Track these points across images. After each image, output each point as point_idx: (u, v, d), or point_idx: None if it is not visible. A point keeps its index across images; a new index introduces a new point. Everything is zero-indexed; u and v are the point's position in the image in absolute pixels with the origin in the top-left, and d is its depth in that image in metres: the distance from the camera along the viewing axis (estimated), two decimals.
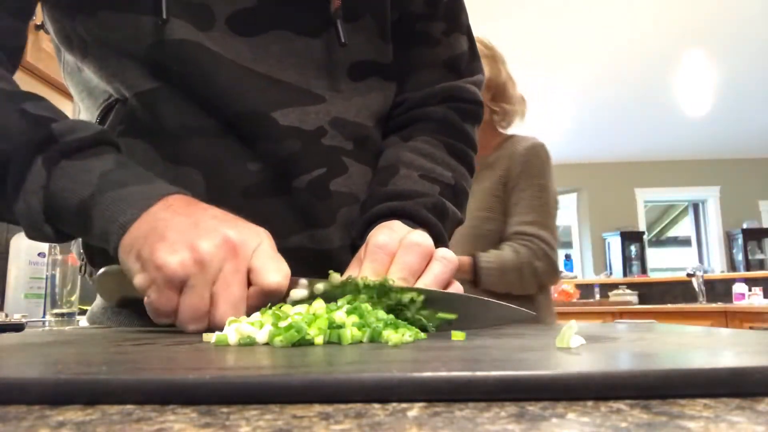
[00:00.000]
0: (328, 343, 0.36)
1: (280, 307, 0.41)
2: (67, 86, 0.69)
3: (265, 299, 0.45)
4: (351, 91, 0.66)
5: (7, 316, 1.59)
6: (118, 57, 0.58)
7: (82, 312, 1.81)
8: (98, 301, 0.71)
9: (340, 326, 0.37)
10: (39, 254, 1.69)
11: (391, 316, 0.42)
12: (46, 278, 1.64)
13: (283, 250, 0.51)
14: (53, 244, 1.75)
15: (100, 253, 0.61)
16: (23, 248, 1.68)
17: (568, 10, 4.52)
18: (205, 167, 0.59)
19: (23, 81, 1.47)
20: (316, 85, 0.63)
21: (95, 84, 0.62)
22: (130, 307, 0.53)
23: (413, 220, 0.61)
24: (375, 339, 0.37)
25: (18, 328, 1.09)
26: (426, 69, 0.73)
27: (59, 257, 1.55)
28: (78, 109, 0.69)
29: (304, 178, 0.61)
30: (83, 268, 0.67)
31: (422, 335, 0.40)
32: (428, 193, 0.64)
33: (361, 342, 0.36)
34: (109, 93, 0.61)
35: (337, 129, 0.63)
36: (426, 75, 0.73)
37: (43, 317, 1.62)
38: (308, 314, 0.38)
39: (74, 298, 1.54)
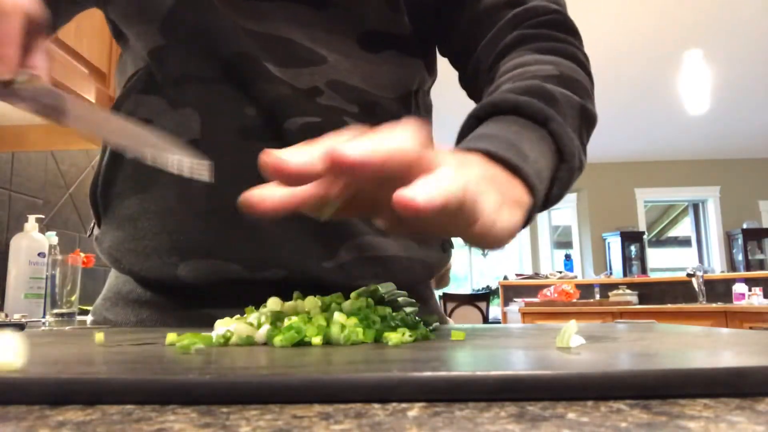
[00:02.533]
0: (327, 343, 0.36)
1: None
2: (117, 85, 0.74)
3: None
4: (361, 59, 0.65)
5: (7, 316, 1.59)
6: (143, 26, 0.63)
7: (82, 312, 1.81)
8: (103, 293, 0.72)
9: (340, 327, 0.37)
10: (39, 254, 1.69)
11: (389, 309, 0.41)
12: (46, 278, 1.64)
13: None
14: (54, 245, 1.75)
15: (108, 212, 0.65)
16: (23, 248, 1.68)
17: (568, 10, 4.51)
18: (201, 109, 0.62)
19: None
20: (322, 46, 0.63)
21: (129, 64, 0.68)
22: None
23: (499, 111, 0.46)
24: (376, 339, 0.37)
25: (18, 328, 1.09)
26: (486, 15, 0.65)
27: (59, 257, 1.55)
28: None
29: (297, 120, 0.60)
30: (92, 229, 0.70)
31: (430, 334, 0.39)
32: (524, 85, 0.51)
33: (361, 342, 0.36)
34: (137, 66, 0.66)
35: (336, 91, 0.63)
36: (488, 19, 0.64)
37: (43, 317, 1.62)
38: (305, 314, 0.38)
39: (74, 298, 1.54)
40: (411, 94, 0.70)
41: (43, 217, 1.77)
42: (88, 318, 0.74)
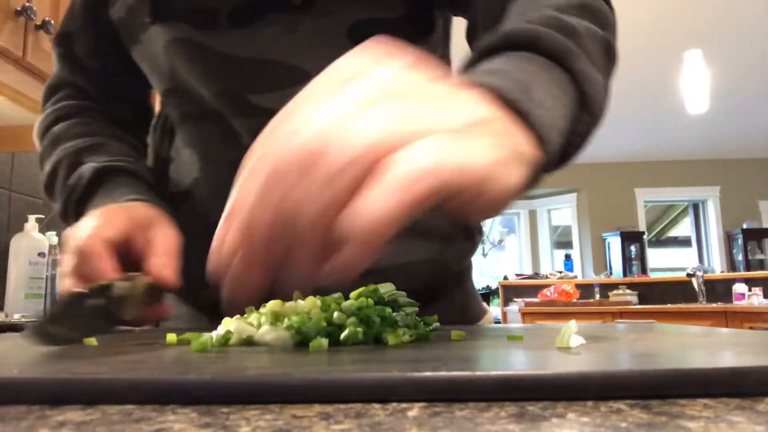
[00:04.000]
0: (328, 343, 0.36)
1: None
2: None
3: None
4: None
5: (7, 316, 1.59)
6: (154, 70, 0.67)
7: None
8: None
9: (340, 327, 0.37)
10: (39, 254, 1.69)
11: (389, 309, 0.41)
12: (46, 278, 1.64)
13: None
14: (54, 245, 1.75)
15: None
16: (23, 248, 1.68)
17: None
18: (199, 148, 0.66)
19: (24, 81, 1.47)
20: (306, 60, 0.62)
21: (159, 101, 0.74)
22: None
23: (511, 45, 0.39)
24: (376, 339, 0.37)
25: (18, 328, 1.09)
26: None
27: (59, 257, 1.55)
28: None
29: None
30: None
31: (430, 334, 0.39)
32: (538, 16, 0.42)
33: (362, 342, 0.36)
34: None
35: None
36: None
37: None
38: (304, 314, 0.38)
39: None
40: None
41: (43, 217, 1.77)
42: None
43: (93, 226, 0.51)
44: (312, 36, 0.62)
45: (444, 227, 0.66)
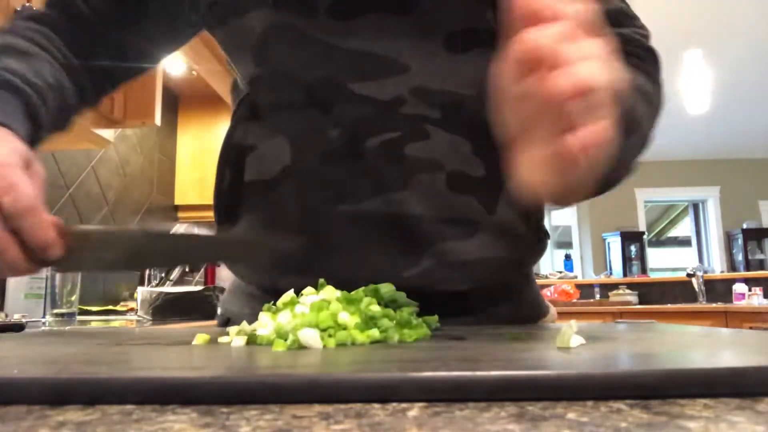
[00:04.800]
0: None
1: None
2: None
3: None
4: (446, 61, 0.64)
5: (7, 316, 1.59)
6: (241, 55, 0.68)
7: (82, 312, 1.81)
8: (228, 286, 0.79)
9: (344, 328, 0.37)
10: None
11: (390, 309, 0.41)
12: (46, 278, 1.64)
13: (359, 215, 0.59)
14: None
15: (228, 227, 0.71)
16: None
17: None
18: (291, 136, 0.66)
19: None
20: (406, 55, 0.63)
21: (240, 88, 0.74)
22: None
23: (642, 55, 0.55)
24: (377, 339, 0.37)
25: (18, 328, 1.09)
26: None
27: None
28: None
29: (375, 140, 0.62)
30: None
31: (427, 333, 0.39)
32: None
33: (362, 343, 0.36)
34: (244, 92, 0.72)
35: (420, 97, 0.63)
36: None
37: (43, 317, 1.62)
38: (322, 303, 0.38)
39: (74, 298, 1.54)
40: None
41: None
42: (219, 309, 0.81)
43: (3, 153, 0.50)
44: (411, 39, 0.63)
45: (522, 228, 0.67)
